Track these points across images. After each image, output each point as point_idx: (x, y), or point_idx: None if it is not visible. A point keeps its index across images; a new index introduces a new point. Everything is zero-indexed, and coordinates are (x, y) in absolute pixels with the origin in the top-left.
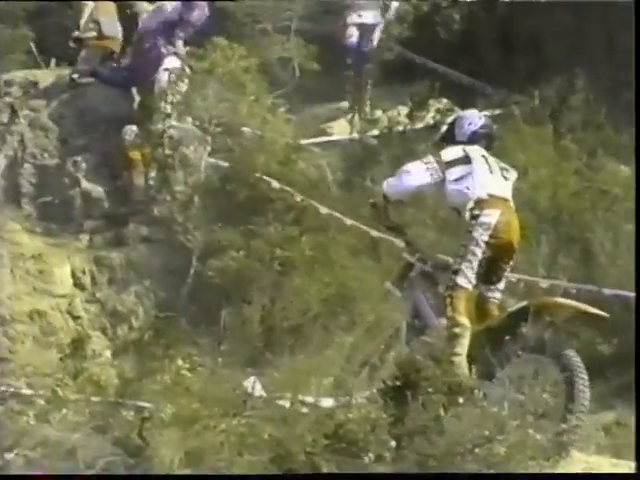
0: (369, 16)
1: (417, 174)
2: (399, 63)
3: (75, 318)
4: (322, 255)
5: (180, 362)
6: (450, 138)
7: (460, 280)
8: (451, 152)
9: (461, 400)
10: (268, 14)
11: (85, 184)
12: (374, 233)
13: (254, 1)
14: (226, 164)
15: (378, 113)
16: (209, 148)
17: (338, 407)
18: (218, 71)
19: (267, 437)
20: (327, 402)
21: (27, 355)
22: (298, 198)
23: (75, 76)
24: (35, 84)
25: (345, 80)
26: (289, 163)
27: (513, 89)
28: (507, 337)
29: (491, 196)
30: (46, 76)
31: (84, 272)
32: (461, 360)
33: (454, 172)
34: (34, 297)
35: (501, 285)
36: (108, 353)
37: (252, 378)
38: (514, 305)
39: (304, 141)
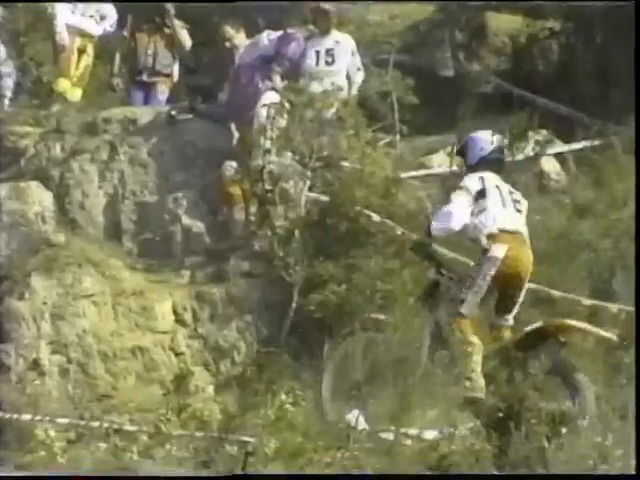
0: None
1: (462, 214)
2: (497, 95)
3: (177, 354)
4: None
5: (283, 396)
6: (463, 159)
7: (464, 309)
8: (472, 183)
9: (564, 430)
10: (365, 47)
11: (185, 220)
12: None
13: (352, 35)
14: (326, 198)
15: None
16: (309, 182)
17: (442, 439)
18: (317, 105)
19: (370, 470)
20: (430, 434)
21: (130, 391)
22: (398, 231)
23: (173, 113)
24: (134, 121)
25: (444, 113)
26: (389, 196)
27: (611, 119)
28: (527, 355)
29: (502, 231)
30: (145, 113)
31: (185, 308)
32: (478, 377)
33: (472, 207)
34: (136, 333)
35: (512, 314)
36: (211, 388)
37: (355, 411)
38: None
39: (404, 174)
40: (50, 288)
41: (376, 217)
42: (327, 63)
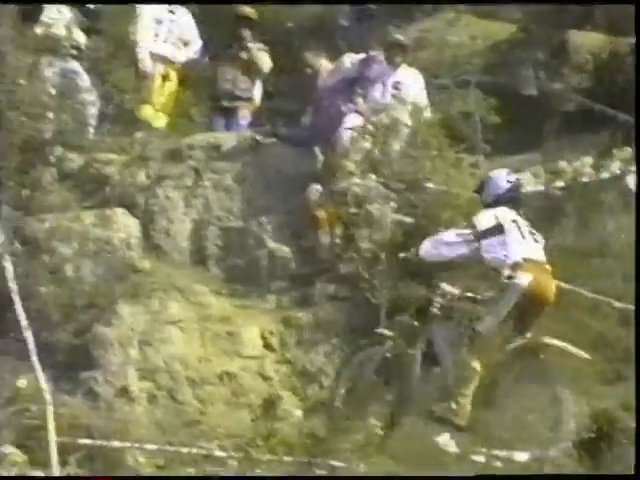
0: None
1: (455, 245)
2: (580, 113)
3: (265, 379)
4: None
5: (372, 420)
6: (479, 197)
7: (482, 328)
8: (484, 220)
9: None
10: (446, 68)
11: (270, 244)
12: (562, 284)
13: (433, 57)
14: (411, 220)
15: (562, 164)
16: (393, 205)
17: (532, 461)
18: (402, 129)
19: None
20: (521, 456)
21: (218, 417)
22: None
23: (257, 137)
24: (218, 147)
25: (527, 132)
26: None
27: None
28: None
29: (526, 260)
30: (228, 139)
31: (272, 333)
32: (466, 402)
33: (490, 243)
34: (223, 359)
35: (526, 334)
36: (299, 413)
37: (445, 434)
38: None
39: None
40: (137, 315)
41: None
42: (393, 96)
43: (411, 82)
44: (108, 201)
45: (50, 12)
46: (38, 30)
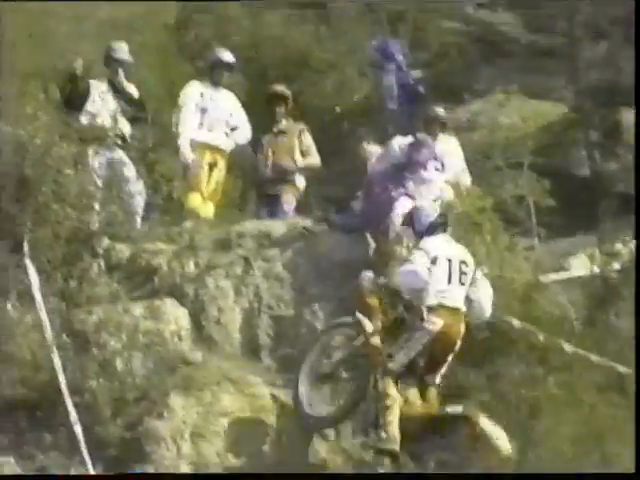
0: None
1: (424, 274)
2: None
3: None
4: (569, 394)
5: None
6: (412, 229)
7: (392, 365)
8: (430, 247)
9: None
10: (498, 150)
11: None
12: (621, 369)
13: (484, 138)
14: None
15: (618, 246)
16: None
17: None
18: (453, 212)
19: None
20: None
21: None
22: (541, 337)
23: (308, 224)
24: (268, 235)
25: (582, 214)
26: (530, 301)
27: None
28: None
29: (442, 306)
30: (278, 226)
31: None
32: (394, 430)
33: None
34: None
35: (440, 373)
36: None
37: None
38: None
39: (544, 278)
40: (189, 407)
41: (517, 323)
42: (437, 169)
43: (451, 151)
44: (157, 292)
45: (94, 101)
46: (83, 120)
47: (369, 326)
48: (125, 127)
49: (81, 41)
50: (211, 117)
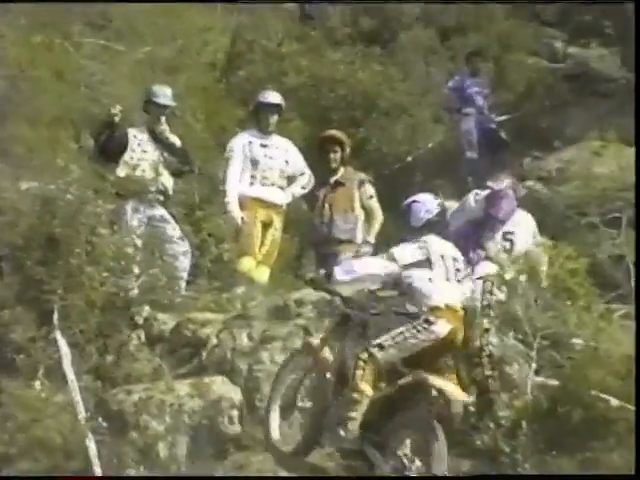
0: None
1: (365, 268)
2: None
3: None
4: None
5: None
6: (405, 222)
7: (380, 355)
8: (409, 253)
9: None
10: (594, 204)
11: None
12: None
13: (577, 191)
14: (555, 382)
15: None
16: (534, 365)
17: None
18: (541, 277)
19: None
20: None
21: None
22: None
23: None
24: (330, 301)
25: None
26: (629, 377)
27: None
28: (398, 408)
29: (448, 307)
30: (343, 290)
31: None
32: (355, 426)
33: (414, 274)
34: None
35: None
36: None
37: None
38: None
39: None
40: None
41: (615, 402)
42: (505, 250)
43: (523, 228)
44: (205, 368)
45: (133, 151)
46: (120, 173)
47: (315, 342)
48: (168, 180)
49: (117, 83)
50: (263, 168)
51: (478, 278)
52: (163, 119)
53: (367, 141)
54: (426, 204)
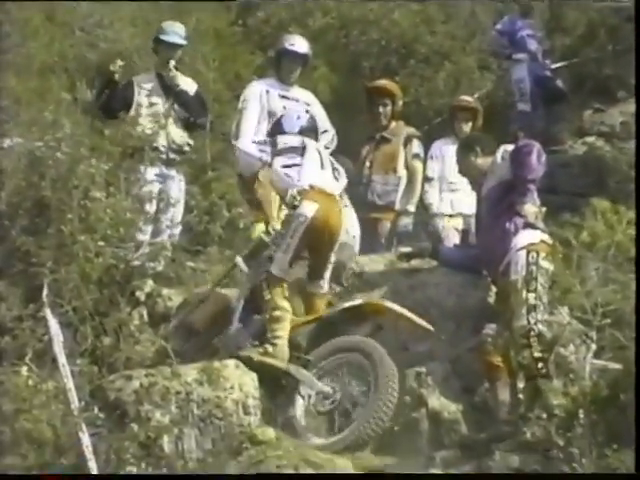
0: None
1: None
2: None
3: None
4: None
5: None
6: (278, 130)
7: (274, 269)
8: (289, 139)
9: None
10: None
11: (433, 402)
12: None
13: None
14: (618, 366)
15: None
16: (594, 346)
17: None
18: (601, 244)
19: None
20: None
21: None
22: None
23: (411, 259)
24: (360, 274)
25: None
26: None
27: None
28: (339, 331)
29: (313, 188)
30: (373, 262)
31: None
32: (283, 344)
33: (284, 159)
34: None
35: (324, 280)
36: None
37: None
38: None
39: None
40: None
41: None
42: None
43: None
44: (216, 351)
45: (139, 104)
46: (123, 128)
47: None
48: (177, 135)
49: (116, 25)
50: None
51: (519, 249)
52: (172, 63)
53: (404, 92)
54: (297, 112)
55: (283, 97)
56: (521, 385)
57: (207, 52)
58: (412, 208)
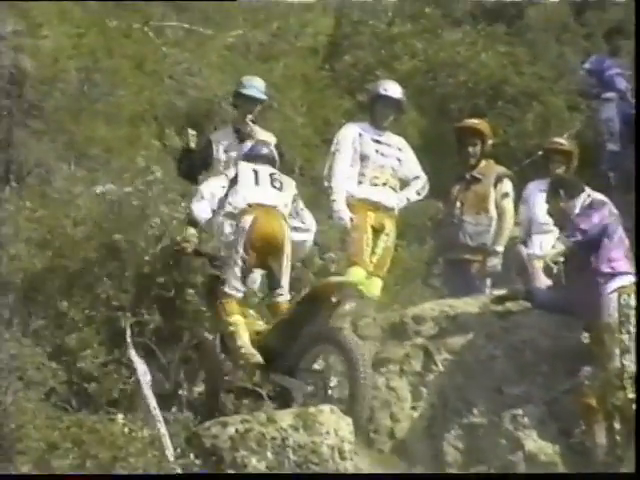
0: None
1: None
2: None
3: None
4: None
5: None
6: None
7: (227, 289)
8: (215, 185)
9: None
10: None
11: (530, 445)
12: None
13: None
14: None
15: None
16: None
17: None
18: None
19: None
20: None
21: None
22: None
23: (506, 302)
24: (454, 317)
25: None
26: None
27: None
28: (303, 326)
29: (250, 205)
30: (467, 305)
31: None
32: (248, 348)
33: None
34: None
35: (284, 286)
36: None
37: None
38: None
39: None
40: None
41: None
42: None
43: None
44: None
45: (219, 161)
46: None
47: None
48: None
49: (205, 73)
50: (374, 166)
51: (613, 291)
52: (249, 117)
53: (492, 133)
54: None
55: (376, 141)
56: (617, 426)
57: (295, 97)
58: (500, 248)
